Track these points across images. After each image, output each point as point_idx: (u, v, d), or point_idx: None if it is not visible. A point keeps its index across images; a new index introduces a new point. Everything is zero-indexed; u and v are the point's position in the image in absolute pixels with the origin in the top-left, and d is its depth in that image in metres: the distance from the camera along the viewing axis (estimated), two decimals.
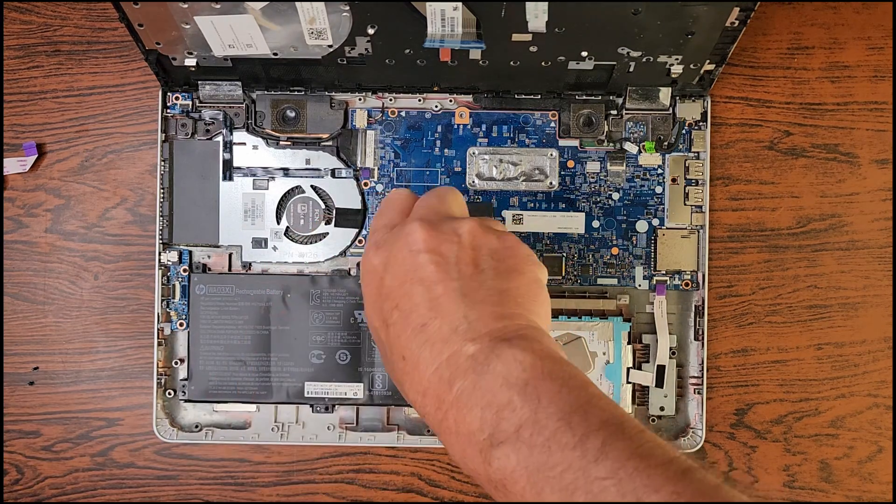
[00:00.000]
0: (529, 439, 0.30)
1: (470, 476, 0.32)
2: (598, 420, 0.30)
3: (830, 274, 0.49)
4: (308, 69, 0.46)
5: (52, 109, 0.49)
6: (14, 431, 0.49)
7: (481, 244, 0.36)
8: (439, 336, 0.33)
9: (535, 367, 0.31)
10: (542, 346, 0.32)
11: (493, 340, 0.32)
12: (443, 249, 0.35)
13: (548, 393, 0.31)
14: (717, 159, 0.49)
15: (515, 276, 0.35)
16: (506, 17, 0.40)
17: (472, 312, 0.33)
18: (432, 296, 0.34)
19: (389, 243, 0.36)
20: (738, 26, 0.42)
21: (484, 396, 0.31)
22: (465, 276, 0.34)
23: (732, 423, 0.49)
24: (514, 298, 0.35)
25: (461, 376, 0.32)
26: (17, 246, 0.49)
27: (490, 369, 0.31)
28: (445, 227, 0.36)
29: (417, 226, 0.35)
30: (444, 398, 0.32)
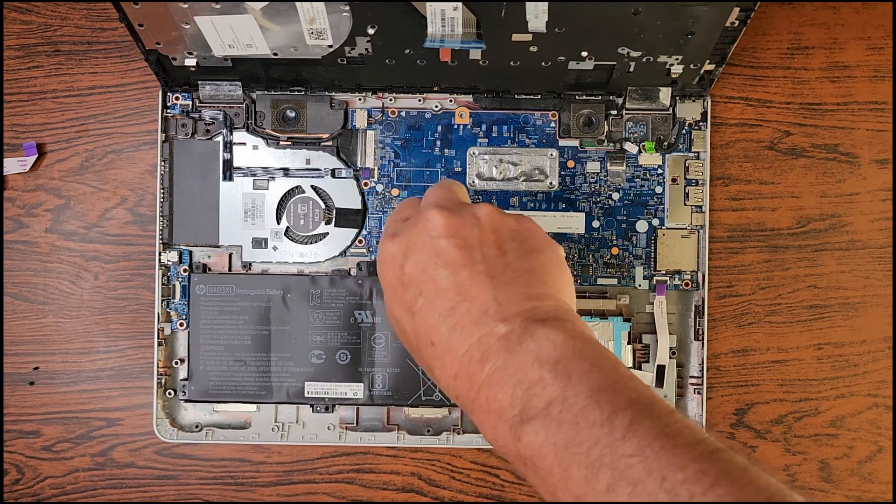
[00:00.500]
0: (558, 416, 0.30)
1: (501, 453, 0.32)
2: (627, 399, 0.30)
3: (830, 274, 0.49)
4: (308, 69, 0.46)
5: (52, 109, 0.49)
6: (14, 431, 0.49)
7: (501, 226, 0.36)
8: (469, 318, 0.33)
9: (566, 345, 0.32)
10: (573, 326, 0.33)
11: (525, 321, 0.33)
12: (464, 233, 0.35)
13: (578, 371, 0.31)
14: (717, 159, 0.49)
15: (538, 256, 0.36)
16: (506, 17, 0.40)
17: (500, 294, 0.34)
18: (458, 279, 0.34)
19: (407, 231, 0.36)
20: (738, 26, 0.42)
21: (515, 374, 0.31)
22: (490, 259, 0.35)
23: (732, 422, 0.49)
24: (540, 277, 0.35)
25: (493, 355, 0.32)
26: (17, 246, 0.49)
27: (522, 348, 0.32)
28: (464, 212, 0.36)
29: (436, 212, 0.36)
30: (476, 378, 0.32)
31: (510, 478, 0.49)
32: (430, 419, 0.48)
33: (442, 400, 0.48)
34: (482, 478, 0.49)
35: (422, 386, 0.48)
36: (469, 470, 0.49)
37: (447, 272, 0.34)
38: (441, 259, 0.35)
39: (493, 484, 0.49)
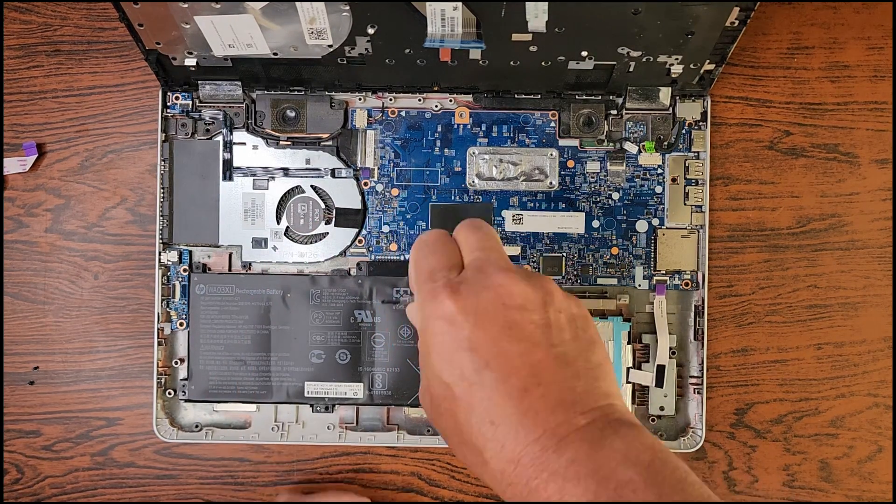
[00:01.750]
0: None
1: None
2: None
3: (830, 274, 0.49)
4: (308, 69, 0.46)
5: (52, 109, 0.49)
6: (14, 431, 0.49)
7: (568, 307, 0.34)
8: (544, 404, 0.31)
9: (654, 450, 0.30)
10: (648, 433, 0.32)
11: (606, 417, 0.31)
12: (540, 309, 0.33)
13: (671, 482, 0.30)
14: (717, 159, 0.49)
15: (599, 349, 0.34)
16: (506, 17, 0.40)
17: (579, 384, 0.32)
18: (533, 360, 0.32)
19: (474, 290, 0.33)
20: (738, 26, 0.42)
21: (600, 470, 0.29)
22: (565, 343, 0.33)
23: (732, 422, 0.49)
24: (607, 374, 0.33)
25: (572, 446, 0.30)
26: (17, 246, 0.49)
27: (608, 444, 0.30)
28: (536, 284, 0.34)
29: (509, 277, 0.33)
30: (549, 467, 0.30)
31: None
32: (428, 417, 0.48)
33: None
34: None
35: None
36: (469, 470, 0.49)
37: (521, 349, 0.32)
38: (515, 333, 0.32)
39: None
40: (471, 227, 0.37)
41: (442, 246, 0.36)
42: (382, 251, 0.48)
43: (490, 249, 0.35)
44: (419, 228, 0.48)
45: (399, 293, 0.48)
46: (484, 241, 0.36)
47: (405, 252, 0.48)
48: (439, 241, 0.36)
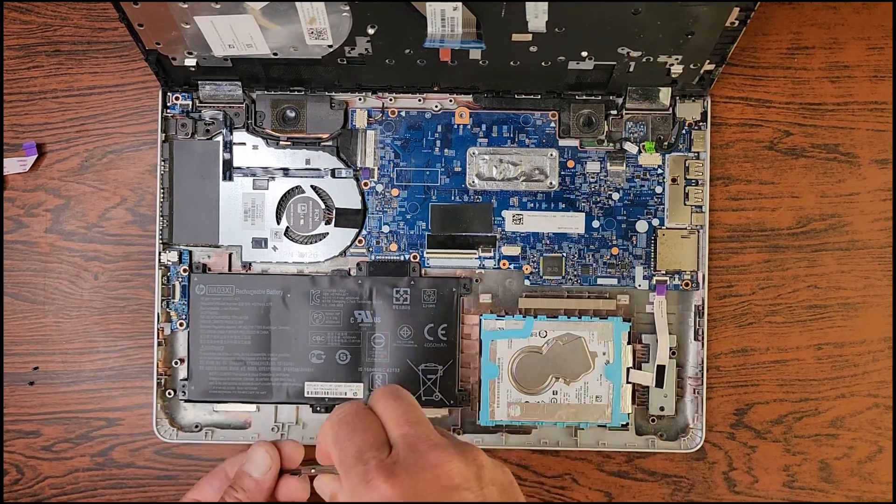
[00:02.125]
0: None
1: None
2: None
3: (830, 274, 0.49)
4: (308, 69, 0.46)
5: (52, 109, 0.49)
6: (14, 431, 0.49)
7: (497, 479, 0.34)
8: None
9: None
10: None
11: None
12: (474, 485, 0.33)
13: None
14: (717, 159, 0.49)
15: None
16: (506, 17, 0.40)
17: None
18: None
19: (410, 473, 0.33)
20: (738, 26, 0.42)
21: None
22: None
23: (732, 423, 0.49)
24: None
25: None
26: (17, 246, 0.49)
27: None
28: (469, 457, 0.34)
29: (444, 455, 0.33)
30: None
31: None
32: (430, 419, 0.48)
33: (442, 400, 0.48)
34: None
35: (421, 386, 0.48)
36: None
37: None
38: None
39: None
40: (390, 396, 0.36)
41: (364, 422, 0.35)
42: (382, 251, 0.48)
43: (417, 423, 0.35)
44: (419, 228, 0.48)
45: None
46: (409, 414, 0.35)
47: (405, 252, 0.48)
48: (360, 416, 0.36)
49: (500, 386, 0.48)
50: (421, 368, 0.48)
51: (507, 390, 0.48)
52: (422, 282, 0.48)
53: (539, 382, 0.48)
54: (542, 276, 0.48)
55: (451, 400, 0.48)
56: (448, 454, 0.33)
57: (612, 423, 0.48)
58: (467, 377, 0.48)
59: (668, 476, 0.49)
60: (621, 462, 0.49)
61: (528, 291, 0.48)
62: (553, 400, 0.48)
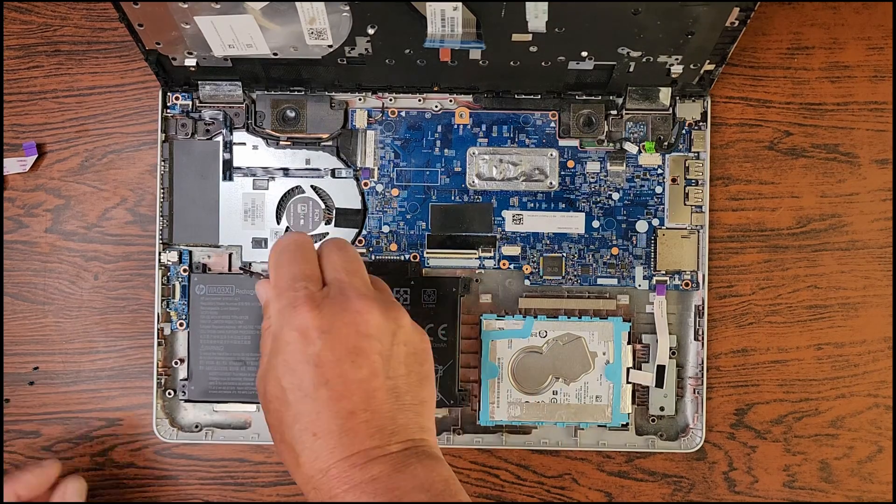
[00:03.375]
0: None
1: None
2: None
3: (830, 274, 0.49)
4: (308, 69, 0.46)
5: (52, 109, 0.49)
6: (14, 431, 0.49)
7: (411, 341, 0.37)
8: (365, 429, 0.34)
9: (447, 483, 0.35)
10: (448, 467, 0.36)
11: (416, 448, 0.35)
12: (384, 339, 0.36)
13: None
14: (717, 159, 0.49)
15: (428, 385, 0.37)
16: (506, 17, 0.40)
17: (400, 416, 0.35)
18: (369, 387, 0.35)
19: (333, 311, 0.35)
20: (738, 26, 0.42)
21: (395, 490, 0.33)
22: (399, 377, 0.36)
23: (732, 423, 0.49)
24: (428, 410, 0.37)
25: (377, 467, 0.34)
26: (17, 246, 0.49)
27: (409, 470, 0.34)
28: (391, 315, 0.36)
29: (368, 305, 0.36)
30: (352, 481, 0.34)
31: (510, 478, 0.49)
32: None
33: (442, 400, 0.48)
34: (482, 478, 0.49)
35: None
36: (469, 470, 0.49)
37: (361, 376, 0.35)
38: (360, 360, 0.35)
39: (493, 484, 0.49)
40: (336, 246, 0.39)
41: (305, 254, 0.38)
42: (382, 251, 0.48)
43: (354, 273, 0.38)
44: (419, 228, 0.48)
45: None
46: (348, 264, 0.38)
47: (405, 252, 0.48)
48: (303, 248, 0.38)
49: (500, 386, 0.48)
50: None
51: (507, 390, 0.48)
52: (422, 282, 0.48)
53: (539, 382, 0.48)
54: (542, 276, 0.48)
55: (451, 400, 0.48)
56: (372, 306, 0.36)
57: (612, 423, 0.48)
58: (467, 377, 0.48)
59: (668, 476, 0.49)
60: (621, 462, 0.49)
61: (528, 291, 0.48)
62: (553, 400, 0.48)
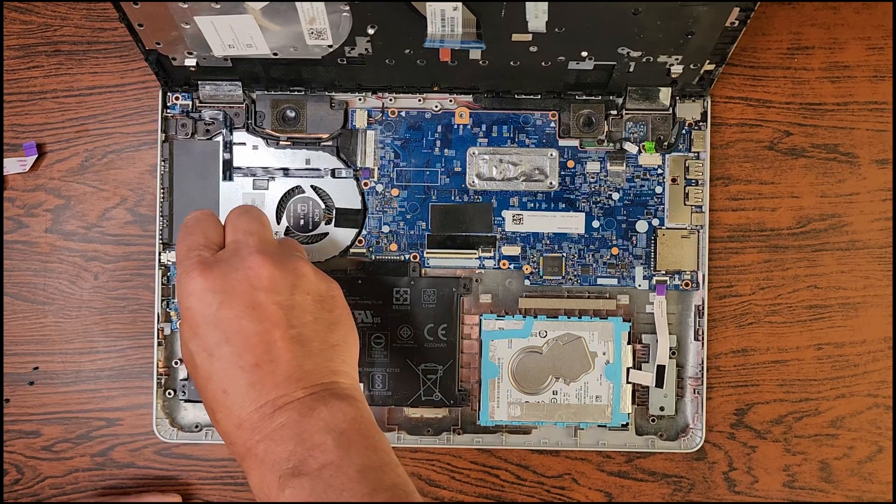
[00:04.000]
0: (328, 479, 0.33)
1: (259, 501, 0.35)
2: (391, 482, 0.34)
3: (830, 274, 0.49)
4: (308, 69, 0.46)
5: (52, 109, 0.49)
6: (14, 431, 0.49)
7: (316, 289, 0.38)
8: (271, 379, 0.35)
9: (355, 421, 0.35)
10: (363, 406, 0.36)
11: (324, 391, 0.35)
12: (285, 291, 0.36)
13: (357, 447, 0.34)
14: (717, 159, 0.49)
15: (340, 329, 0.38)
16: (506, 17, 0.40)
17: (307, 362, 0.36)
18: (270, 338, 0.35)
19: (225, 271, 0.36)
20: (738, 26, 0.42)
21: (301, 434, 0.34)
22: (304, 324, 0.36)
23: (732, 423, 0.49)
24: (341, 354, 0.37)
25: (285, 413, 0.34)
26: (17, 246, 0.49)
27: (315, 414, 0.34)
28: (287, 266, 0.37)
29: (260, 260, 0.36)
30: (261, 429, 0.34)
31: (510, 478, 0.49)
32: (430, 419, 0.48)
33: (442, 400, 0.48)
34: (482, 478, 0.49)
35: (422, 386, 0.48)
36: (469, 470, 0.49)
37: (261, 328, 0.35)
38: (257, 314, 0.36)
39: (493, 484, 0.49)
40: (239, 210, 0.40)
41: (201, 225, 0.39)
42: (382, 251, 0.48)
43: (251, 233, 0.38)
44: (419, 228, 0.48)
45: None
46: (248, 225, 0.39)
47: (405, 252, 0.48)
48: (201, 220, 0.40)
49: (500, 386, 0.48)
50: (421, 368, 0.48)
51: (507, 390, 0.48)
52: (422, 282, 0.48)
53: (539, 382, 0.48)
54: (542, 276, 0.48)
55: (451, 400, 0.48)
56: (265, 260, 0.36)
57: (612, 423, 0.48)
58: (467, 377, 0.48)
59: (668, 476, 0.49)
60: (621, 462, 0.49)
61: (528, 291, 0.48)
62: (553, 400, 0.48)
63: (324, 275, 0.39)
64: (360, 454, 0.34)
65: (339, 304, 0.39)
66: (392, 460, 0.35)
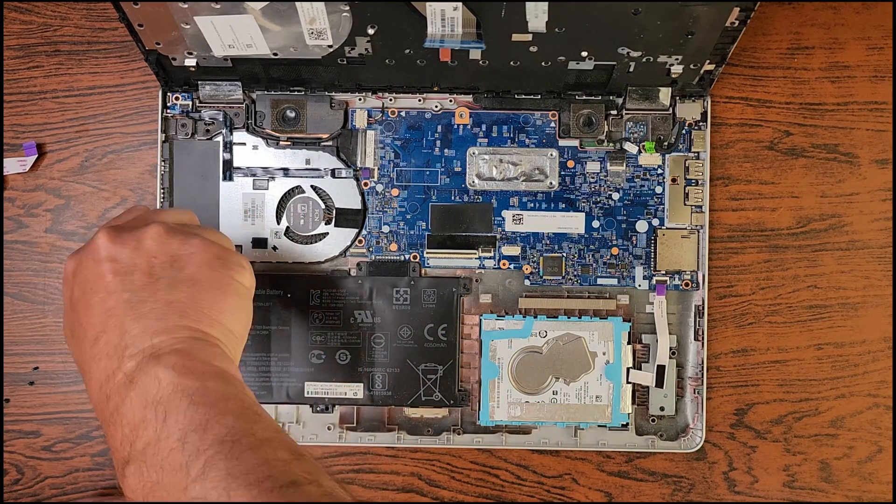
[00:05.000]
0: (151, 459, 0.30)
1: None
2: (213, 439, 0.30)
3: (830, 274, 0.49)
4: (308, 69, 0.46)
5: (52, 109, 0.49)
6: (14, 431, 0.49)
7: (161, 251, 0.36)
8: (105, 351, 0.33)
9: (171, 384, 0.32)
10: (191, 362, 0.33)
11: (147, 357, 0.32)
12: (122, 257, 0.35)
13: (175, 411, 0.31)
14: (717, 159, 0.49)
15: (189, 286, 0.35)
16: (506, 17, 0.40)
17: (134, 327, 0.33)
18: (105, 307, 0.34)
19: (78, 256, 0.36)
20: (738, 26, 0.42)
21: (128, 415, 0.31)
22: (137, 287, 0.34)
23: (732, 423, 0.49)
24: (179, 311, 0.34)
25: (116, 394, 0.32)
26: (17, 246, 0.49)
27: (136, 386, 0.32)
28: (128, 234, 0.36)
29: (103, 233, 0.36)
30: (104, 415, 0.32)
31: (510, 478, 0.49)
32: (429, 419, 0.48)
33: (442, 400, 0.48)
34: (482, 478, 0.49)
35: (422, 386, 0.48)
36: (469, 470, 0.49)
37: (99, 299, 0.34)
38: (97, 285, 0.35)
39: (493, 484, 0.49)
40: (125, 211, 0.40)
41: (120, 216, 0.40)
42: (382, 251, 0.48)
43: (131, 217, 0.38)
44: (419, 228, 0.48)
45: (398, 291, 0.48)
46: (138, 210, 0.39)
47: (405, 252, 0.48)
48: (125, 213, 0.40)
49: (500, 386, 0.48)
50: (421, 368, 0.48)
51: (507, 390, 0.48)
52: (422, 282, 0.48)
53: (539, 382, 0.48)
54: (542, 276, 0.48)
55: (451, 400, 0.48)
56: (103, 233, 0.36)
57: (612, 423, 0.48)
58: (467, 377, 0.48)
59: (668, 476, 0.49)
60: (621, 462, 0.49)
61: (528, 291, 0.48)
62: (553, 400, 0.48)
63: (175, 235, 0.36)
64: (179, 419, 0.31)
65: (191, 262, 0.36)
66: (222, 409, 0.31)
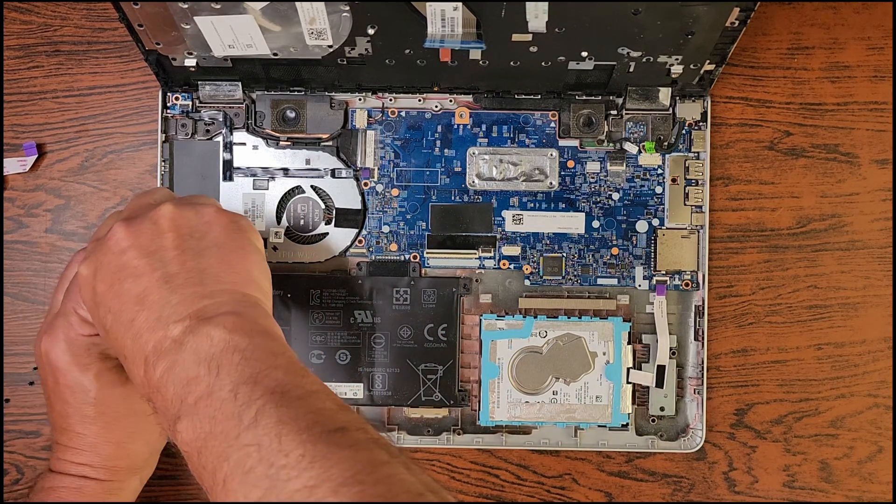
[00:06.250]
0: (203, 411, 0.31)
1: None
2: (264, 389, 0.31)
3: (830, 274, 0.49)
4: (308, 69, 0.46)
5: (52, 109, 0.49)
6: (14, 431, 0.49)
7: (180, 224, 0.37)
8: (146, 326, 0.34)
9: (223, 340, 0.33)
10: (240, 319, 0.34)
11: (195, 320, 0.33)
12: (144, 241, 0.36)
13: (227, 365, 0.32)
14: (717, 159, 0.49)
15: (216, 251, 0.36)
16: (506, 17, 0.40)
17: (173, 297, 0.34)
18: (139, 290, 0.35)
19: (95, 252, 0.37)
20: (738, 26, 0.42)
21: (179, 374, 0.32)
22: (168, 262, 0.35)
23: (732, 423, 0.49)
24: (213, 276, 0.36)
25: (164, 358, 0.33)
26: (17, 246, 0.49)
27: (186, 347, 0.33)
28: (142, 220, 0.37)
29: (116, 226, 0.37)
30: (152, 382, 0.33)
31: (510, 478, 0.49)
32: (430, 419, 0.48)
33: (442, 400, 0.48)
34: (482, 478, 0.49)
35: (422, 386, 0.48)
36: (469, 470, 0.49)
37: (130, 284, 0.35)
38: (124, 272, 0.35)
39: (493, 484, 0.49)
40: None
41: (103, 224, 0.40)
42: (382, 251, 0.48)
43: (127, 209, 0.39)
44: (419, 228, 0.48)
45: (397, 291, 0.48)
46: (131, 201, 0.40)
47: (405, 252, 0.48)
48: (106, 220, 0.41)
49: (500, 386, 0.48)
50: (421, 368, 0.48)
51: (507, 390, 0.48)
52: (422, 282, 0.48)
53: (539, 382, 0.48)
54: (542, 276, 0.48)
55: (451, 400, 0.48)
56: (117, 226, 0.37)
57: (612, 423, 0.48)
58: (467, 377, 0.48)
59: (668, 476, 0.49)
60: (621, 462, 0.49)
61: (528, 291, 0.48)
62: (553, 400, 0.48)
63: (188, 206, 0.38)
64: (231, 373, 0.32)
65: (211, 230, 0.37)
66: (272, 364, 0.32)
